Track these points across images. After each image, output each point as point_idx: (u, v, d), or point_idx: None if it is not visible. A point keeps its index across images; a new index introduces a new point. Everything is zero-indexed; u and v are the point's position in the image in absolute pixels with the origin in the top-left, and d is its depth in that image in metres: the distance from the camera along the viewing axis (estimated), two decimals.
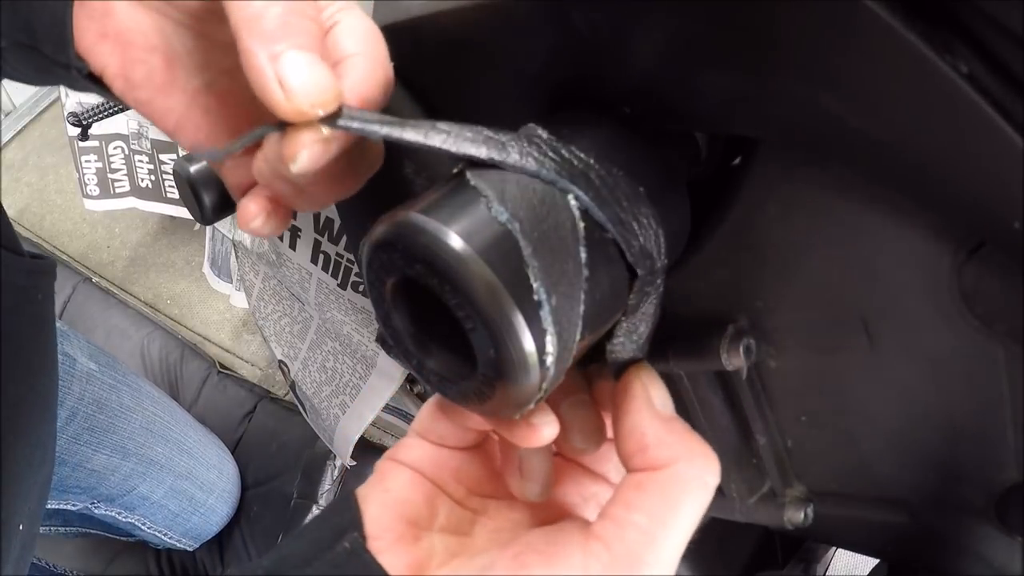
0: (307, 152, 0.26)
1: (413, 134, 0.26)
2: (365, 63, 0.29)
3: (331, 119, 0.26)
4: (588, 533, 0.26)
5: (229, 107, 0.33)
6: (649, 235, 0.27)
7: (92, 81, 0.33)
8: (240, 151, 0.32)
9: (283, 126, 0.26)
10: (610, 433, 0.31)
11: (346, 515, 0.29)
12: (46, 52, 0.32)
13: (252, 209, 0.32)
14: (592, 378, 0.32)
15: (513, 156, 0.26)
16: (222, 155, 0.32)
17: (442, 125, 0.26)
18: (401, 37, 0.34)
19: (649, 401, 0.27)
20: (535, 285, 0.23)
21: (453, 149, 0.25)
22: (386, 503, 0.29)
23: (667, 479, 0.26)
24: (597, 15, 0.27)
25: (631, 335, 0.28)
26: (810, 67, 0.23)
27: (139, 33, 0.32)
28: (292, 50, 0.26)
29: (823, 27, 0.21)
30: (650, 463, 0.27)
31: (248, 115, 0.33)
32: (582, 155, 0.27)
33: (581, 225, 0.25)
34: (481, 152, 0.25)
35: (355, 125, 0.26)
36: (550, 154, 0.26)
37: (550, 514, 0.32)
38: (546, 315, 0.24)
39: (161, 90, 0.33)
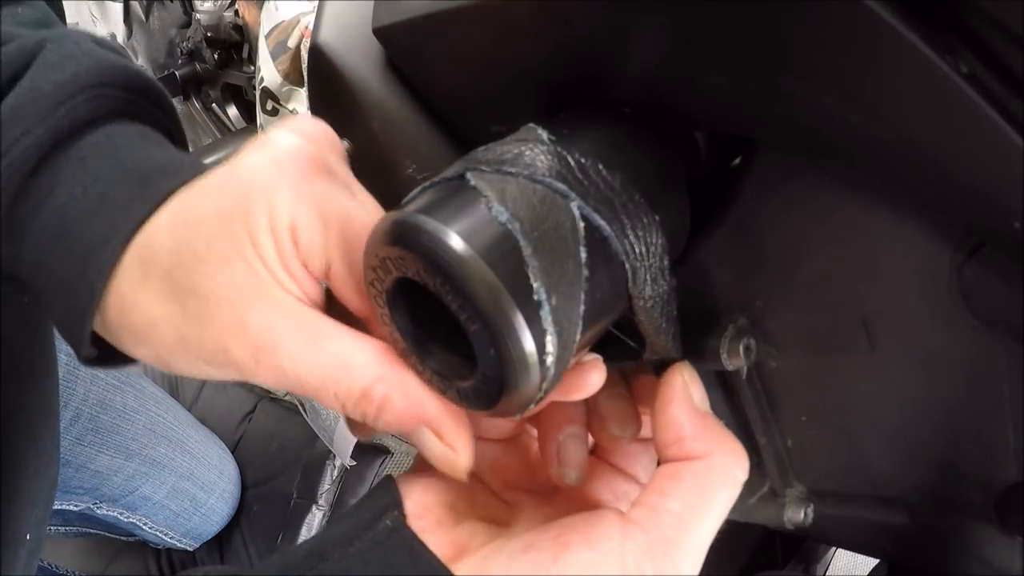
0: None
1: None
2: None
3: None
4: (625, 519, 0.27)
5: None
6: (649, 235, 0.27)
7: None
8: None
9: None
10: (642, 434, 0.33)
11: (385, 497, 0.29)
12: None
13: None
14: (630, 375, 0.34)
15: (540, 171, 0.26)
16: None
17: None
18: (401, 37, 0.34)
19: (689, 396, 0.29)
20: (535, 285, 0.23)
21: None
22: (428, 487, 0.30)
23: (701, 469, 0.28)
24: (597, 15, 0.27)
25: (660, 334, 0.29)
26: (811, 67, 0.23)
27: None
28: (420, 431, 0.28)
29: (824, 27, 0.21)
30: (685, 453, 0.28)
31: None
32: (581, 156, 0.27)
33: (581, 225, 0.25)
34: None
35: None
36: (550, 156, 0.26)
37: (584, 509, 0.33)
38: (546, 315, 0.24)
39: None
